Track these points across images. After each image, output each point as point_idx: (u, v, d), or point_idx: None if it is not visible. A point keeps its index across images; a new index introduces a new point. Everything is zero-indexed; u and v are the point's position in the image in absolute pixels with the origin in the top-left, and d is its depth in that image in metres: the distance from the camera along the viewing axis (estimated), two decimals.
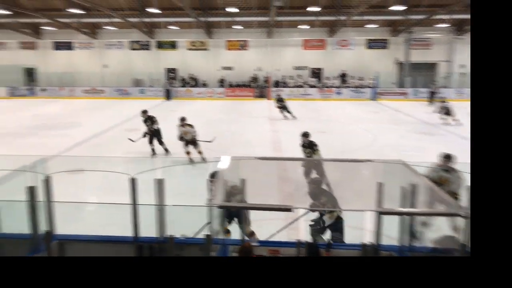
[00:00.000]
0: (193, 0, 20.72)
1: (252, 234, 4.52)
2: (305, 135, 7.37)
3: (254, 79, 24.75)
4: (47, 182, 4.90)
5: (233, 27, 24.19)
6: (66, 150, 9.35)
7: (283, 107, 15.43)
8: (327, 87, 23.86)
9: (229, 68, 25.12)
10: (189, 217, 4.93)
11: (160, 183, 4.10)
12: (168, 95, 23.47)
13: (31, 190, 4.64)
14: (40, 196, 4.88)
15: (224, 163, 4.07)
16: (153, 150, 9.50)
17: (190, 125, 8.93)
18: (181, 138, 8.80)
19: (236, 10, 19.96)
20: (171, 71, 25.43)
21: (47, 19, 21.92)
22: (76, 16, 21.69)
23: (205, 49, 25.10)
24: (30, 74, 25.63)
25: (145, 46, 25.32)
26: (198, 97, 23.59)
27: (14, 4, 20.89)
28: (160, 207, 4.60)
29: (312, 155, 7.05)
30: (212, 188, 3.61)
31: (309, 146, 7.18)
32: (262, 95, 23.35)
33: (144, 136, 9.53)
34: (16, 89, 24.40)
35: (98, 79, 24.89)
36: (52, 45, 25.61)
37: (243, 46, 24.91)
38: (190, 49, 25.14)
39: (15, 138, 11.72)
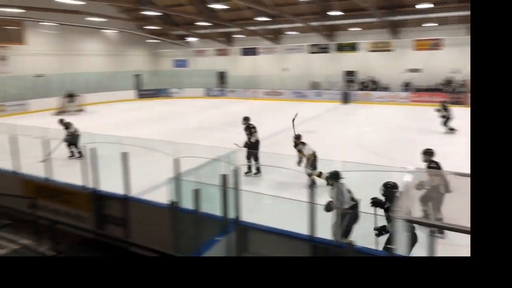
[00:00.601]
0: (378, 0, 20.22)
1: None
2: (427, 153, 6.05)
3: (448, 82, 22.26)
4: (236, 172, 5.68)
5: (423, 25, 22.39)
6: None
7: (444, 117, 13.43)
8: None
9: (416, 70, 23.39)
10: (366, 226, 4.84)
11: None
12: (345, 99, 23.67)
13: (224, 178, 5.46)
14: (230, 183, 5.68)
15: (409, 175, 3.86)
16: (249, 167, 8.59)
17: (303, 143, 8.05)
18: (299, 163, 7.98)
19: (430, 5, 18.38)
20: (349, 74, 25.53)
21: (238, 28, 25.43)
22: (262, 24, 24.36)
23: (389, 50, 24.13)
24: (222, 77, 30.30)
25: (324, 49, 26.24)
26: (378, 101, 22.88)
27: (214, 16, 25.09)
28: (340, 211, 4.68)
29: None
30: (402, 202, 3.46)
31: (429, 167, 5.90)
32: (457, 101, 20.77)
33: (245, 146, 8.84)
34: (211, 90, 29.26)
35: (278, 81, 27.29)
36: (240, 51, 29.55)
37: (435, 45, 22.76)
38: (371, 51, 24.63)
39: (209, 132, 14.13)
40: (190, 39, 30.10)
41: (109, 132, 11.02)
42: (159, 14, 25.56)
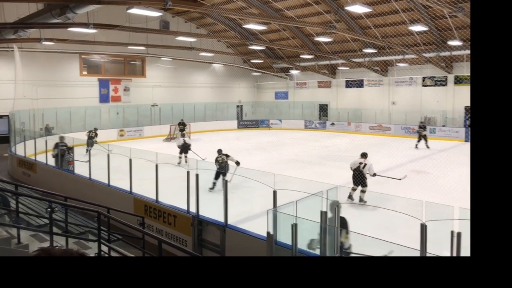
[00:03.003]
0: None
1: None
2: None
3: None
4: (336, 209, 5.55)
5: None
6: (349, 183, 10.27)
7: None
8: None
9: None
10: None
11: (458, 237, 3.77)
12: (468, 137, 21.67)
13: (324, 215, 5.38)
14: (330, 220, 5.55)
15: None
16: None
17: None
18: None
19: None
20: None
21: (343, 60, 25.47)
22: (369, 55, 24.02)
23: None
24: (323, 109, 30.39)
25: (440, 82, 24.63)
26: None
27: (318, 49, 25.60)
28: None
29: None
30: None
31: None
32: None
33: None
34: (310, 123, 29.47)
35: (385, 116, 26.33)
36: (344, 84, 29.40)
37: None
38: None
39: (307, 165, 14.11)
40: (292, 71, 31.10)
41: (210, 159, 11.78)
42: (264, 48, 27.11)
